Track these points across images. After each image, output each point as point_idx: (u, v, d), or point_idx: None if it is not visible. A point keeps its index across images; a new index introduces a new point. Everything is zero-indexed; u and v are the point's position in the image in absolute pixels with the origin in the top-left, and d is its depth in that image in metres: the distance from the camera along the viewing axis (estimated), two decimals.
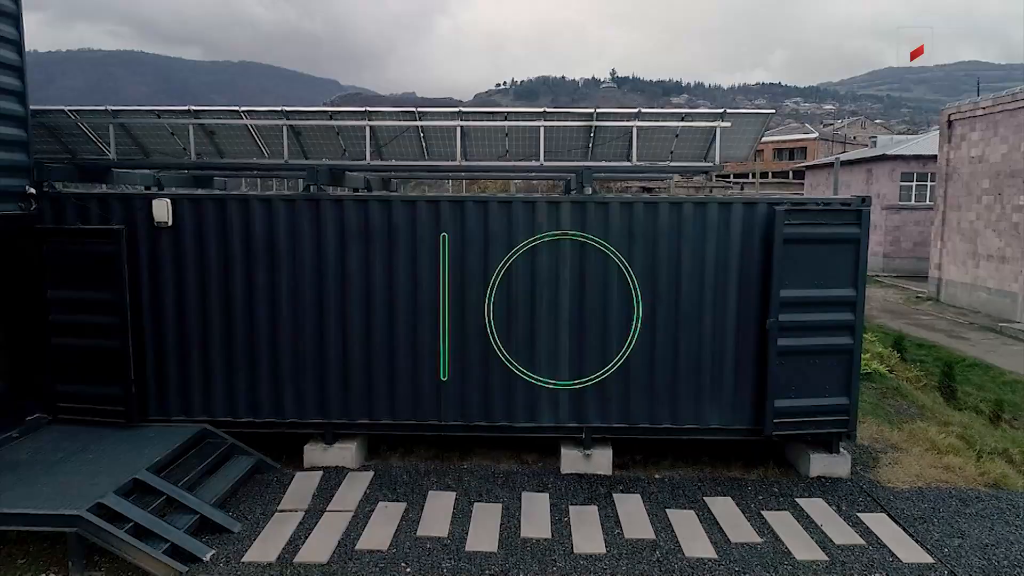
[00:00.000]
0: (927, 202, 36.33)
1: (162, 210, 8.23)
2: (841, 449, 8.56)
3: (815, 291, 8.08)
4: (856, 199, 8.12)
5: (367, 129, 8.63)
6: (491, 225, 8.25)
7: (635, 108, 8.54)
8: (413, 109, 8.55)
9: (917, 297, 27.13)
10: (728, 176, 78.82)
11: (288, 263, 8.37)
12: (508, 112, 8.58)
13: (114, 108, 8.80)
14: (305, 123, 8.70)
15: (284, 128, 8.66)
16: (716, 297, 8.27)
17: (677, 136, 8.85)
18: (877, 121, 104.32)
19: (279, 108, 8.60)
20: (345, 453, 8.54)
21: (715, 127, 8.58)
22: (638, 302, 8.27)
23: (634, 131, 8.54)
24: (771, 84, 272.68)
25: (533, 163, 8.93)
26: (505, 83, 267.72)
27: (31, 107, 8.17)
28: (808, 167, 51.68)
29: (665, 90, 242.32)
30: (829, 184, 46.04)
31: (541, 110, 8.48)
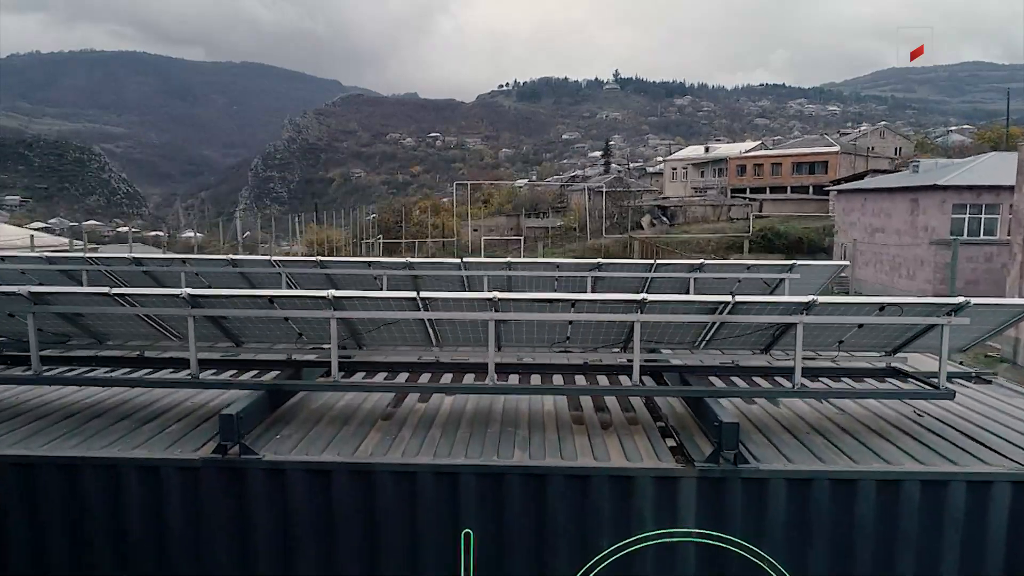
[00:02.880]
0: (981, 236, 32.99)
1: None
2: None
3: None
4: None
5: (333, 323, 4.98)
6: (551, 516, 4.58)
7: (807, 298, 4.84)
8: (415, 296, 4.87)
9: (987, 356, 23.25)
10: (744, 191, 75.05)
11: (189, 572, 4.73)
12: (572, 299, 4.88)
13: None
14: (230, 313, 5.06)
15: (190, 319, 5.01)
16: None
17: (860, 326, 5.20)
18: (882, 123, 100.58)
19: (178, 292, 4.91)
20: None
21: (941, 324, 4.93)
22: None
23: (799, 329, 4.89)
24: (775, 85, 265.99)
25: (622, 369, 5.26)
26: (507, 84, 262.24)
27: None
28: (840, 190, 47.20)
29: (668, 91, 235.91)
30: (865, 211, 41.89)
31: (640, 298, 4.76)
